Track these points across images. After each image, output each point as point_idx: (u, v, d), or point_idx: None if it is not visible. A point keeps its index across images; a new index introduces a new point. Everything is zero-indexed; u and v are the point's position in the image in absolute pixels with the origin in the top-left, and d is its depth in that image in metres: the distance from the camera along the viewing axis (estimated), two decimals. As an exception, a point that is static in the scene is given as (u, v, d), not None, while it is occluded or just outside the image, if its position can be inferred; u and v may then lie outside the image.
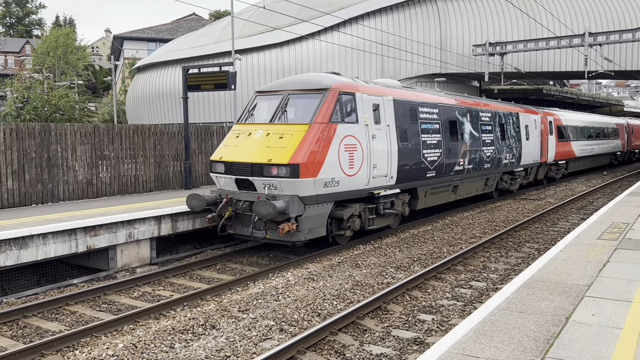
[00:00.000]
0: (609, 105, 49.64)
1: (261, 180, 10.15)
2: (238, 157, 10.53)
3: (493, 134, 17.35)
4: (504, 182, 19.04)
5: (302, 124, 10.33)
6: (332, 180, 10.39)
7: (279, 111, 10.80)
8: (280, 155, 9.93)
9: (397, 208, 12.59)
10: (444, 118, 14.46)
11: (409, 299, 8.05)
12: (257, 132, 10.66)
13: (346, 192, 10.86)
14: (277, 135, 10.32)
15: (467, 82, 36.12)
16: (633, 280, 6.35)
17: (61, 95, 27.11)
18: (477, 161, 16.20)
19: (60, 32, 57.47)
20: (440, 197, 14.82)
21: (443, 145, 14.20)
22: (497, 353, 4.34)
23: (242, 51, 29.43)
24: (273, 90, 11.44)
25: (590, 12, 31.00)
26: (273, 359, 5.70)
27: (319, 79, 11.20)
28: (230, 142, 11.04)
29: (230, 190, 10.77)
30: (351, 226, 11.22)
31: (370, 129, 11.39)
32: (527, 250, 11.33)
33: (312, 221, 10.29)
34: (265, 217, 9.62)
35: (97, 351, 6.21)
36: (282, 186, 9.96)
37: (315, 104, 10.50)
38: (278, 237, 10.02)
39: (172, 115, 35.00)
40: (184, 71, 15.65)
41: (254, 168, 10.21)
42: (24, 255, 8.70)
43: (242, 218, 10.52)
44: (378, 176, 11.61)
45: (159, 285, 9.19)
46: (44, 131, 12.30)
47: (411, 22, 31.82)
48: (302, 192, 9.95)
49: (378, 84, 12.81)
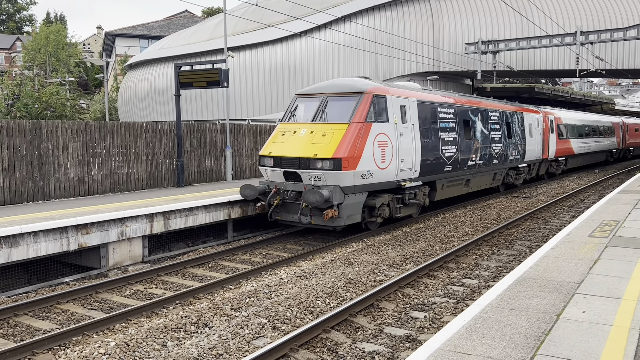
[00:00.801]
0: (600, 104, 49.97)
1: (307, 172, 11.49)
2: (286, 152, 11.84)
3: (501, 132, 18.61)
4: (510, 177, 20.23)
5: (341, 123, 11.66)
6: (367, 172, 11.73)
7: (320, 112, 12.17)
8: (325, 151, 11.29)
9: (419, 199, 13.92)
10: (459, 117, 15.80)
11: (401, 296, 8.07)
12: (302, 130, 12.02)
13: (378, 183, 12.21)
14: (320, 133, 11.68)
15: (460, 80, 36.22)
16: (623, 278, 6.40)
17: (52, 93, 26.92)
18: (487, 157, 17.48)
19: (51, 29, 57.01)
20: (454, 189, 16.09)
21: (458, 142, 15.52)
22: (488, 350, 4.36)
23: (235, 48, 29.35)
24: (313, 94, 12.80)
25: (582, 11, 31.16)
26: (266, 357, 5.70)
27: (355, 84, 12.56)
28: (277, 139, 12.33)
29: (278, 182, 12.07)
30: (381, 214, 12.57)
31: (398, 128, 12.70)
32: (518, 247, 11.38)
33: (351, 208, 11.64)
34: (314, 204, 10.92)
35: (89, 350, 6.19)
36: (325, 177, 11.30)
37: (353, 105, 11.85)
38: (322, 222, 11.41)
39: (164, 113, 34.85)
40: (176, 68, 15.59)
41: (301, 162, 11.57)
42: (15, 254, 8.64)
43: (288, 206, 11.87)
44: (405, 169, 12.96)
45: (151, 284, 9.16)
46: (34, 128, 12.21)
47: (404, 20, 31.85)
48: (343, 182, 11.29)
49: (401, 87, 14.13)
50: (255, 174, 18.60)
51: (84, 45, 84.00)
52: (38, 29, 62.12)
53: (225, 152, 16.98)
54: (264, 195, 12.12)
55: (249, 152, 18.32)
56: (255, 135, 18.55)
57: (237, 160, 17.80)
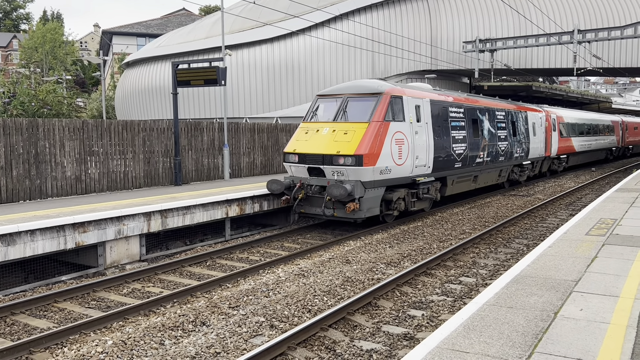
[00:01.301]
0: (597, 102, 50.06)
1: (331, 168, 12.28)
2: (310, 149, 12.61)
3: (506, 131, 19.39)
4: (515, 173, 21.04)
5: (362, 122, 12.40)
6: (385, 168, 12.47)
7: (341, 111, 12.92)
8: (347, 148, 12.06)
9: (432, 193, 14.66)
10: (468, 116, 16.59)
11: (399, 294, 8.07)
12: (324, 129, 12.75)
13: (396, 178, 12.94)
14: (342, 132, 12.42)
15: (457, 78, 36.22)
16: (620, 276, 6.42)
17: (48, 90, 26.84)
18: (494, 154, 18.27)
19: (48, 28, 56.83)
20: (463, 185, 16.86)
21: (467, 140, 16.32)
22: (486, 348, 4.36)
23: (233, 47, 29.31)
24: (333, 94, 13.51)
25: (579, 10, 31.19)
26: (263, 355, 5.69)
27: (374, 85, 13.28)
28: (301, 137, 13.08)
29: (302, 177, 12.84)
30: (397, 207, 13.29)
31: (413, 126, 13.47)
32: (516, 246, 11.40)
33: (370, 202, 12.35)
34: (337, 197, 11.70)
35: (86, 348, 6.18)
36: (348, 173, 12.07)
37: (372, 105, 12.60)
38: (344, 214, 12.15)
39: (161, 111, 34.78)
40: (174, 66, 15.55)
41: (324, 158, 12.32)
42: (12, 252, 8.61)
43: (312, 200, 12.63)
44: (419, 166, 13.72)
45: (149, 282, 9.15)
46: (31, 127, 12.17)
47: (402, 19, 31.82)
48: (364, 177, 12.05)
49: (415, 87, 14.88)
50: (253, 172, 18.58)
51: (81, 43, 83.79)
52: (35, 27, 61.90)
53: (223, 150, 16.96)
54: (288, 190, 12.85)
55: (247, 150, 18.30)
56: (253, 133, 18.53)
57: (234, 158, 17.77)
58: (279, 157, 19.64)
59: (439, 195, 15.26)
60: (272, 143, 19.32)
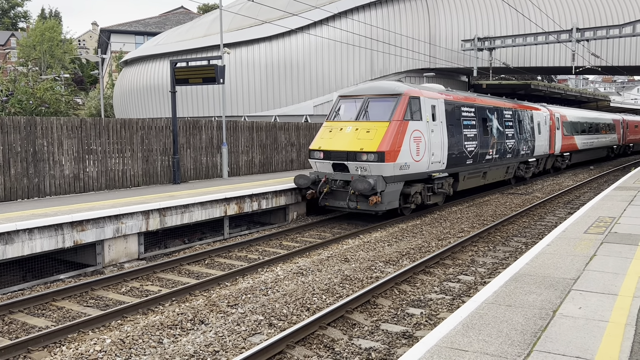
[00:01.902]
0: (595, 101, 50.04)
1: (354, 164, 13.08)
2: (335, 147, 13.42)
3: (513, 129, 20.24)
4: (521, 170, 21.86)
5: (383, 121, 13.22)
6: (405, 164, 13.29)
7: (362, 111, 13.75)
8: (370, 145, 12.84)
9: (445, 188, 15.54)
10: (479, 116, 17.43)
11: (397, 293, 8.07)
12: (347, 127, 13.60)
13: (414, 174, 13.81)
14: (364, 130, 13.21)
15: (456, 77, 36.21)
16: (619, 274, 6.42)
17: (46, 88, 26.78)
18: (502, 152, 19.10)
19: (46, 26, 56.69)
20: (474, 181, 17.68)
21: (478, 138, 17.15)
22: (485, 346, 4.36)
23: (231, 45, 29.28)
24: (355, 95, 14.38)
25: (578, 8, 31.19)
26: (262, 353, 5.69)
27: (393, 86, 14.17)
28: (325, 135, 13.93)
29: (327, 172, 13.60)
30: (415, 200, 14.17)
31: (429, 125, 14.32)
32: (514, 244, 11.41)
33: (391, 195, 13.24)
34: (362, 191, 12.53)
35: (85, 347, 6.16)
36: (370, 168, 12.87)
37: (392, 106, 13.42)
38: (366, 207, 12.98)
39: (160, 109, 34.74)
40: (172, 65, 15.51)
41: (348, 155, 13.14)
42: (10, 251, 8.60)
43: (336, 193, 13.42)
44: (435, 162, 14.57)
45: (147, 281, 9.13)
46: (29, 125, 12.14)
47: (400, 17, 31.80)
48: (385, 172, 12.85)
49: (429, 88, 15.63)
50: (251, 170, 18.56)
51: (79, 41, 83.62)
52: (33, 25, 61.77)
53: (222, 148, 16.94)
54: (314, 184, 13.73)
55: (245, 148, 18.28)
56: (252, 131, 18.51)
57: (233, 157, 17.75)
58: (277, 156, 19.62)
59: (452, 190, 16.08)
60: (270, 141, 19.30)
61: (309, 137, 21.14)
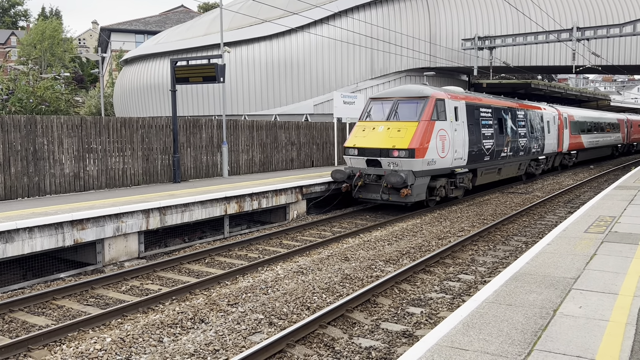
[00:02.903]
0: (595, 100, 50.02)
1: (387, 159, 14.38)
2: (368, 144, 14.71)
3: (526, 128, 21.40)
4: (531, 167, 23.05)
5: (412, 121, 14.52)
6: (432, 160, 14.54)
7: (393, 112, 15.04)
8: (401, 143, 14.15)
9: (465, 183, 16.77)
10: (495, 116, 18.70)
11: (398, 292, 8.07)
12: (380, 127, 14.89)
13: (439, 169, 15.07)
14: (395, 129, 14.53)
15: (456, 76, 36.18)
16: (619, 273, 6.42)
17: (46, 87, 26.75)
18: (515, 149, 20.32)
19: (47, 25, 56.66)
20: (490, 176, 18.91)
21: (494, 137, 18.37)
22: (485, 345, 4.36)
23: (231, 44, 29.25)
24: (385, 97, 15.68)
25: (578, 7, 31.16)
26: (262, 352, 5.69)
27: (421, 90, 15.49)
28: (359, 134, 15.19)
29: (360, 167, 14.87)
30: (439, 194, 15.48)
31: (453, 125, 15.58)
32: (515, 243, 11.40)
33: (419, 188, 14.52)
34: (395, 184, 13.82)
35: (85, 346, 6.16)
36: (401, 164, 14.13)
37: (420, 107, 14.70)
38: (397, 198, 14.26)
39: (160, 108, 34.72)
40: (172, 64, 15.51)
41: (382, 151, 14.40)
42: (10, 249, 8.60)
43: (369, 187, 14.70)
44: (457, 158, 15.83)
45: (147, 279, 9.13)
46: (29, 123, 12.14)
47: (401, 16, 31.77)
48: (415, 168, 14.10)
49: (451, 91, 16.65)
50: (252, 169, 18.56)
51: (79, 40, 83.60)
52: (34, 23, 61.73)
53: (222, 147, 16.94)
54: (349, 179, 14.98)
55: (245, 147, 18.27)
56: (252, 130, 18.50)
57: (233, 155, 17.75)
58: (277, 155, 19.62)
59: (471, 184, 17.33)
60: (270, 140, 19.29)
61: (309, 136, 21.14)
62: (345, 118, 21.73)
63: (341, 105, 21.08)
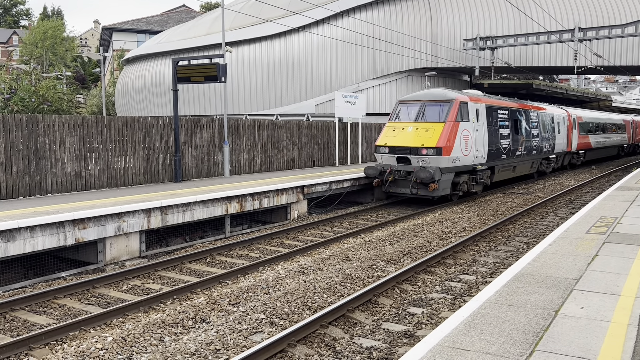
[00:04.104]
0: (597, 101, 49.98)
1: (416, 157, 15.69)
2: (399, 143, 16.09)
3: (538, 129, 22.66)
4: (543, 165, 24.29)
5: (439, 122, 15.83)
6: (456, 157, 15.82)
7: (420, 114, 16.37)
8: (429, 141, 15.50)
9: (484, 179, 17.97)
10: (511, 117, 19.93)
11: (399, 292, 8.06)
12: (409, 127, 16.25)
13: (462, 166, 16.37)
14: (423, 129, 15.88)
15: (458, 76, 36.16)
16: (621, 274, 6.41)
17: (49, 87, 26.78)
18: (529, 149, 21.55)
19: (49, 25, 56.70)
20: (506, 173, 20.14)
21: (510, 137, 19.62)
22: (487, 346, 4.35)
23: (233, 43, 29.26)
24: (413, 100, 17.02)
25: (581, 7, 31.12)
26: (263, 352, 5.69)
27: (445, 93, 16.88)
28: (389, 134, 16.54)
29: (391, 164, 16.20)
30: (462, 189, 16.75)
31: (474, 125, 16.85)
32: (516, 244, 11.39)
33: (445, 184, 15.80)
34: (424, 180, 15.04)
35: (86, 345, 6.17)
36: (429, 161, 15.45)
37: (446, 109, 16.03)
38: (425, 192, 15.53)
39: (161, 108, 34.75)
40: (174, 63, 15.51)
41: (411, 149, 15.74)
42: (11, 248, 8.60)
43: (398, 182, 16.00)
44: (478, 156, 17.12)
45: (149, 279, 9.14)
46: (31, 123, 12.15)
47: (402, 16, 31.76)
48: (442, 164, 15.40)
49: (471, 95, 17.93)
50: (253, 169, 18.55)
51: (81, 39, 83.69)
52: (35, 23, 61.80)
53: (223, 147, 16.93)
54: (380, 175, 16.24)
55: (247, 147, 18.27)
56: (253, 130, 18.50)
57: (234, 155, 17.75)
58: (279, 154, 19.61)
59: (489, 180, 18.50)
60: (272, 140, 19.29)
61: (311, 136, 21.14)
62: (346, 118, 21.73)
63: (342, 105, 21.07)
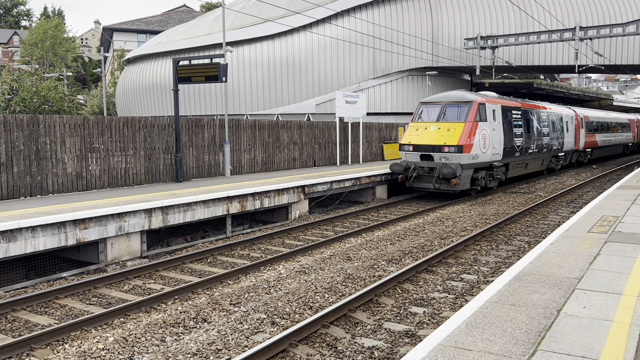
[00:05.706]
0: (598, 100, 49.93)
1: (439, 154, 16.94)
2: (423, 141, 17.38)
3: (548, 128, 23.85)
4: (552, 163, 25.43)
5: (459, 122, 17.10)
6: (475, 155, 17.02)
7: (442, 114, 17.61)
8: (451, 140, 16.78)
9: (500, 175, 19.31)
10: (524, 117, 21.14)
11: (400, 291, 8.05)
12: (431, 127, 17.50)
13: (480, 162, 17.53)
14: (445, 129, 17.14)
15: (459, 75, 36.14)
16: (623, 273, 6.39)
17: (50, 87, 26.76)
18: (540, 147, 22.73)
19: (49, 25, 56.72)
20: (519, 170, 21.30)
21: (523, 135, 20.74)
22: (489, 346, 4.34)
23: (234, 43, 29.25)
24: (434, 102, 18.24)
25: (581, 6, 31.08)
26: (265, 352, 5.68)
27: (464, 95, 18.14)
28: (413, 133, 17.83)
29: (414, 161, 17.44)
30: (480, 184, 18.03)
31: (491, 125, 18.04)
32: (517, 243, 11.38)
33: (465, 179, 16.95)
34: (447, 175, 16.29)
35: (87, 345, 6.16)
36: (451, 158, 16.66)
37: (466, 110, 17.27)
38: (447, 187, 16.76)
39: (162, 108, 34.75)
40: (175, 63, 15.51)
41: (434, 147, 17.03)
42: (13, 249, 8.61)
43: (421, 178, 17.27)
44: (494, 154, 18.34)
45: (150, 279, 9.13)
46: (32, 123, 12.15)
47: (403, 15, 31.74)
48: (462, 161, 16.62)
49: (488, 96, 19.09)
50: (254, 169, 18.55)
51: (82, 39, 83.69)
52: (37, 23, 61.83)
53: (224, 147, 16.93)
54: (405, 171, 17.40)
55: (248, 147, 18.27)
56: (254, 130, 18.49)
57: (235, 155, 17.74)
58: (279, 154, 19.61)
59: (504, 177, 19.71)
60: (273, 140, 19.28)
61: (311, 135, 21.13)
62: (347, 118, 21.71)
63: (343, 105, 21.06)
